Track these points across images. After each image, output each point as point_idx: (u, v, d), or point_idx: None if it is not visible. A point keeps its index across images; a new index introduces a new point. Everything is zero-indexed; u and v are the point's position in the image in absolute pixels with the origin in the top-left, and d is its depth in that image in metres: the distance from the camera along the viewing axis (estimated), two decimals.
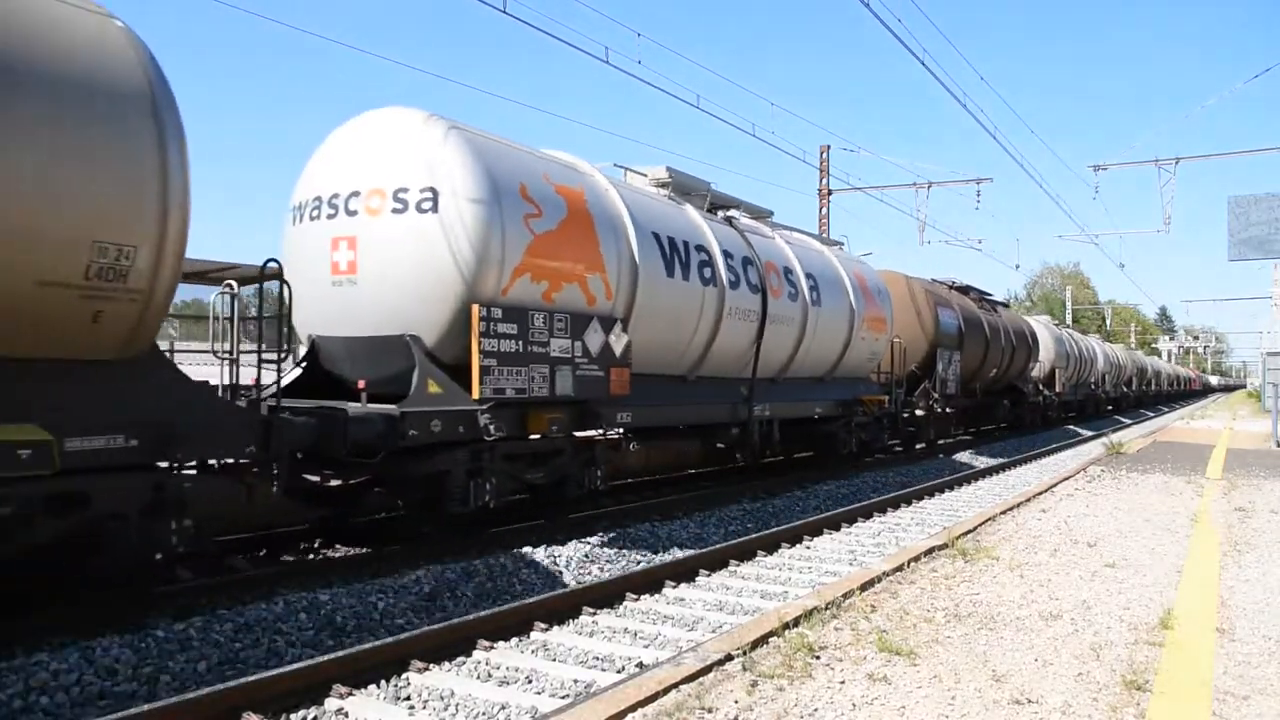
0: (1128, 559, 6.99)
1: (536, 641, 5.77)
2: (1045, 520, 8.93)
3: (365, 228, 7.90)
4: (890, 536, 9.97)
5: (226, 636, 5.53)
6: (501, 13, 11.12)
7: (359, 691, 4.82)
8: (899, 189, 29.24)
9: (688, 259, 10.40)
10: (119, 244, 5.21)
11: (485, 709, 4.66)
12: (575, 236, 8.78)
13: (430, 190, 7.72)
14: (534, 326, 8.22)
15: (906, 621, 5.10)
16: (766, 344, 11.95)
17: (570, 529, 9.23)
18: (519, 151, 8.86)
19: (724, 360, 11.37)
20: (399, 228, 7.78)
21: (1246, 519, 9.02)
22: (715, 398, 11.40)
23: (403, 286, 7.78)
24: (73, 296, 5.07)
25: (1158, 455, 16.58)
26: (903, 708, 3.81)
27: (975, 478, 15.54)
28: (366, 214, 7.90)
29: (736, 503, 11.66)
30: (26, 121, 4.83)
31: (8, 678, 4.67)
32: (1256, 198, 21.46)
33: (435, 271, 7.69)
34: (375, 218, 7.87)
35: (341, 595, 6.37)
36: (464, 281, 7.69)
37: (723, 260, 11.07)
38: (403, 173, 7.83)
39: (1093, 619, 5.24)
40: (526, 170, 8.59)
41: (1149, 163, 25.40)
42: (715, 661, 4.32)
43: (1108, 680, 4.18)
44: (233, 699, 4.37)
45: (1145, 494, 10.97)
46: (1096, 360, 37.71)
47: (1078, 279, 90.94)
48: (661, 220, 10.33)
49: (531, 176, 8.57)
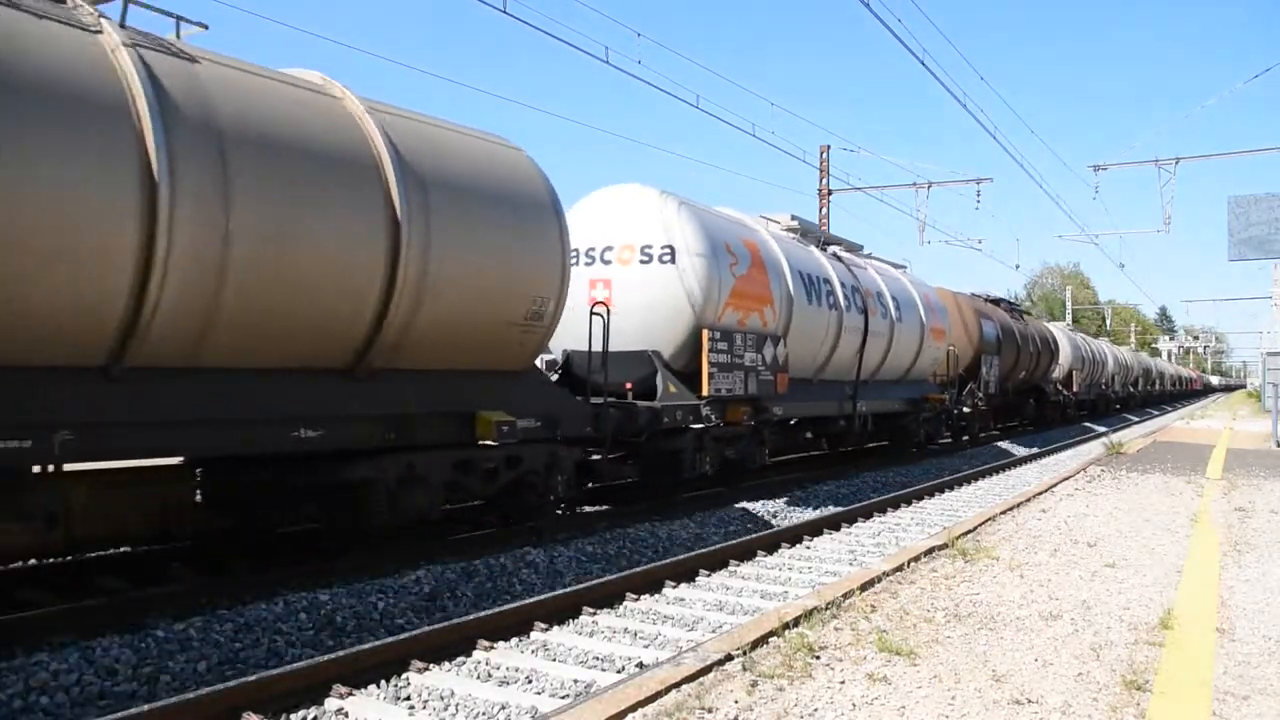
0: (1128, 559, 6.99)
1: (536, 641, 5.77)
2: (1045, 520, 8.94)
3: (618, 273, 11.01)
4: (890, 536, 9.97)
5: (226, 636, 5.52)
6: (501, 13, 11.15)
7: (359, 691, 4.82)
8: (899, 189, 29.25)
9: (819, 290, 13.74)
10: (542, 297, 8.23)
11: (485, 709, 4.66)
12: (756, 277, 11.94)
13: (669, 247, 10.84)
14: (736, 344, 11.20)
15: (906, 621, 5.10)
16: (867, 353, 15.20)
17: (571, 529, 9.25)
18: (720, 216, 12.23)
19: (838, 367, 14.63)
20: (645, 273, 10.89)
21: (1246, 519, 9.02)
22: (830, 396, 14.60)
23: (647, 315, 10.73)
24: (516, 331, 8.10)
25: (1158, 455, 16.58)
26: (903, 708, 3.81)
27: (975, 478, 15.55)
28: (619, 263, 11.04)
29: (736, 502, 11.66)
30: (506, 224, 7.91)
31: (8, 678, 4.66)
32: (1256, 198, 21.46)
33: (673, 305, 10.76)
34: (626, 266, 11.00)
35: (341, 595, 6.37)
36: (694, 313, 10.75)
37: (840, 289, 14.37)
38: (647, 234, 10.93)
39: (1093, 619, 5.24)
40: (727, 230, 11.77)
41: (1149, 163, 25.42)
42: (715, 661, 4.32)
43: (1108, 680, 4.18)
44: (233, 699, 4.37)
45: (1145, 494, 10.97)
46: (1107, 363, 40.55)
47: (1078, 279, 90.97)
48: (802, 261, 13.64)
49: (730, 235, 11.71)
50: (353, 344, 6.83)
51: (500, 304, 7.83)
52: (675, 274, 10.76)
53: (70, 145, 5.08)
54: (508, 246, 7.85)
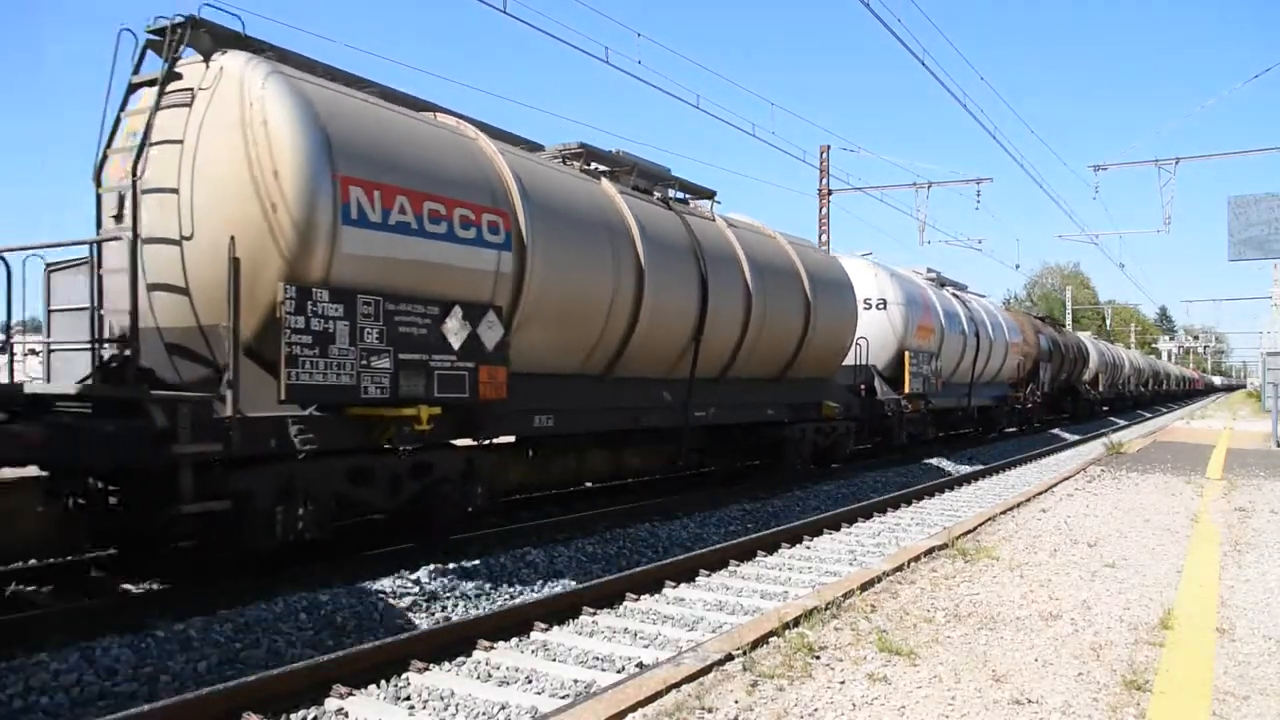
0: (1128, 559, 6.99)
1: (536, 641, 5.77)
2: (1045, 520, 8.93)
3: None
4: (890, 536, 9.97)
5: (226, 636, 5.52)
6: (501, 13, 11.14)
7: (359, 691, 4.82)
8: (899, 189, 29.19)
9: (955, 321, 20.52)
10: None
11: (485, 709, 4.66)
12: (928, 316, 18.66)
13: (882, 299, 17.41)
14: (920, 359, 17.68)
15: (906, 621, 5.10)
16: (977, 364, 22.04)
17: (570, 529, 9.24)
18: (909, 276, 19.32)
19: (961, 374, 21.40)
20: (869, 316, 16.65)
21: (1246, 519, 9.02)
22: (956, 394, 21.26)
23: (874, 344, 16.55)
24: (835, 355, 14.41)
25: (1158, 455, 16.58)
26: (903, 708, 3.81)
27: (975, 477, 15.56)
28: None
29: (736, 502, 11.66)
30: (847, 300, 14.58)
31: (8, 678, 4.67)
32: (1256, 198, 21.46)
33: (886, 336, 17.21)
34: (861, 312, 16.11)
35: (341, 595, 6.37)
36: (899, 341, 17.32)
37: (963, 320, 21.07)
38: (868, 291, 17.09)
39: (1093, 619, 5.24)
40: (912, 285, 18.72)
41: (1149, 163, 25.42)
42: (715, 661, 4.31)
43: (1108, 680, 4.18)
44: (233, 699, 4.37)
45: (1145, 494, 10.97)
46: (1124, 366, 47.36)
47: (1078, 279, 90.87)
48: (946, 301, 20.66)
49: (914, 288, 18.65)
50: (781, 366, 12.95)
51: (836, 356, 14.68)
52: (886, 316, 17.30)
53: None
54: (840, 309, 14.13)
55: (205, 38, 6.79)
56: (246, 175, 6.42)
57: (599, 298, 9.09)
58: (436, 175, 7.34)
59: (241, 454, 6.12)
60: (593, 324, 9.13)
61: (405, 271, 7.00)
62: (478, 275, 7.61)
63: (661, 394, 10.44)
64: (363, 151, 6.78)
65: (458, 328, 7.33)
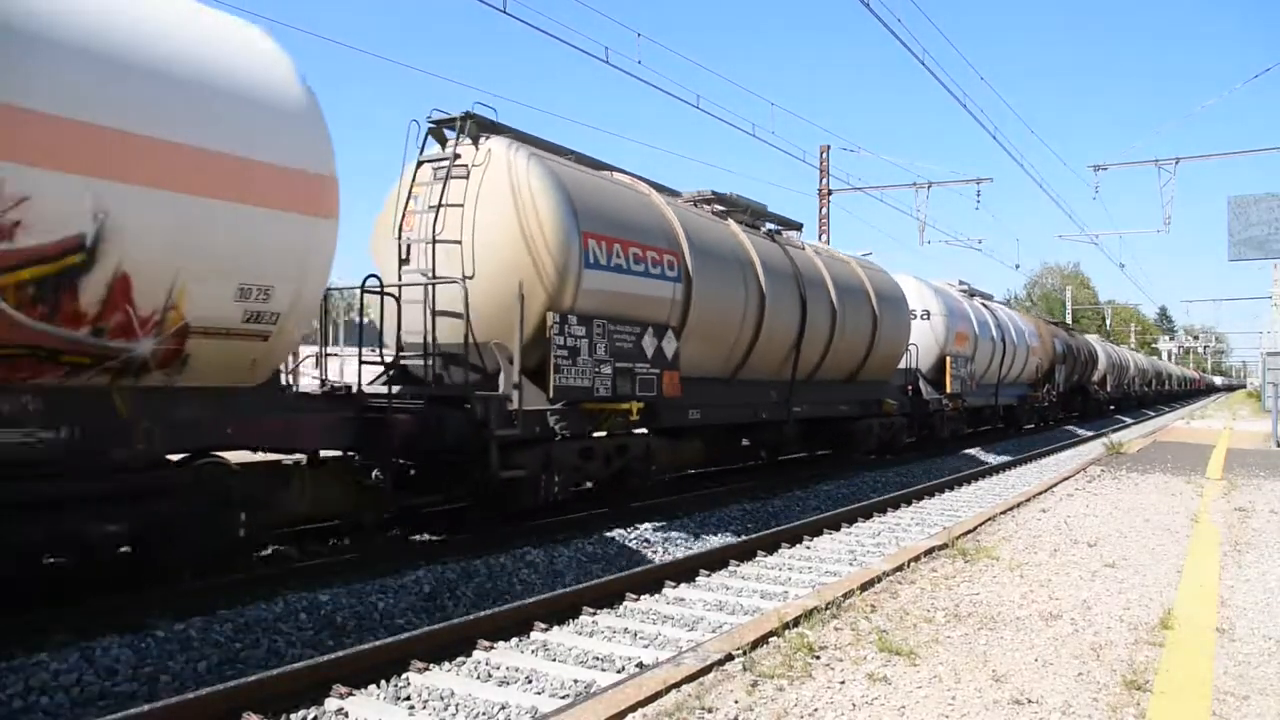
0: (1128, 559, 6.99)
1: (536, 641, 5.77)
2: (1045, 520, 8.93)
3: None
4: (890, 536, 9.97)
5: (226, 636, 5.52)
6: (501, 13, 11.15)
7: (359, 691, 4.82)
8: (899, 189, 29.21)
9: (988, 328, 22.95)
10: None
11: (485, 709, 4.66)
12: (964, 325, 21.03)
13: (926, 311, 19.62)
14: (958, 364, 19.87)
15: (906, 621, 5.10)
16: (1003, 366, 24.39)
17: (570, 529, 9.24)
18: (950, 291, 22.00)
19: (990, 375, 23.45)
20: (916, 326, 18.38)
21: (1246, 519, 9.02)
22: (985, 395, 23.26)
23: (919, 350, 18.63)
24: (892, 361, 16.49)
25: (1158, 455, 16.58)
26: (903, 708, 3.81)
27: (975, 478, 15.56)
28: None
29: (737, 502, 11.67)
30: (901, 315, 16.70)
31: (8, 678, 4.67)
32: (1256, 198, 21.47)
33: (930, 343, 19.45)
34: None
35: (341, 595, 6.37)
36: (941, 348, 19.59)
37: (993, 327, 23.49)
38: (915, 302, 18.89)
39: (1093, 619, 5.24)
40: (953, 297, 21.54)
41: (1149, 163, 25.44)
42: (715, 661, 4.31)
43: (1108, 680, 4.18)
44: (233, 699, 4.37)
45: (1145, 494, 10.97)
46: (1129, 367, 49.59)
47: (1078, 279, 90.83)
48: (978, 310, 22.89)
49: (953, 300, 21.25)
50: (853, 370, 15.03)
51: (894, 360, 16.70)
52: (929, 326, 19.57)
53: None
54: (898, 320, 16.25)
55: (474, 126, 8.97)
56: (517, 232, 8.55)
57: (735, 317, 11.29)
58: (635, 226, 9.64)
59: (523, 437, 8.28)
60: (729, 338, 11.35)
61: (619, 301, 9.25)
62: (661, 302, 9.87)
63: (769, 393, 12.62)
64: (593, 211, 9.02)
65: (650, 342, 9.65)
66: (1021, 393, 26.77)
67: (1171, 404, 70.04)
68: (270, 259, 5.87)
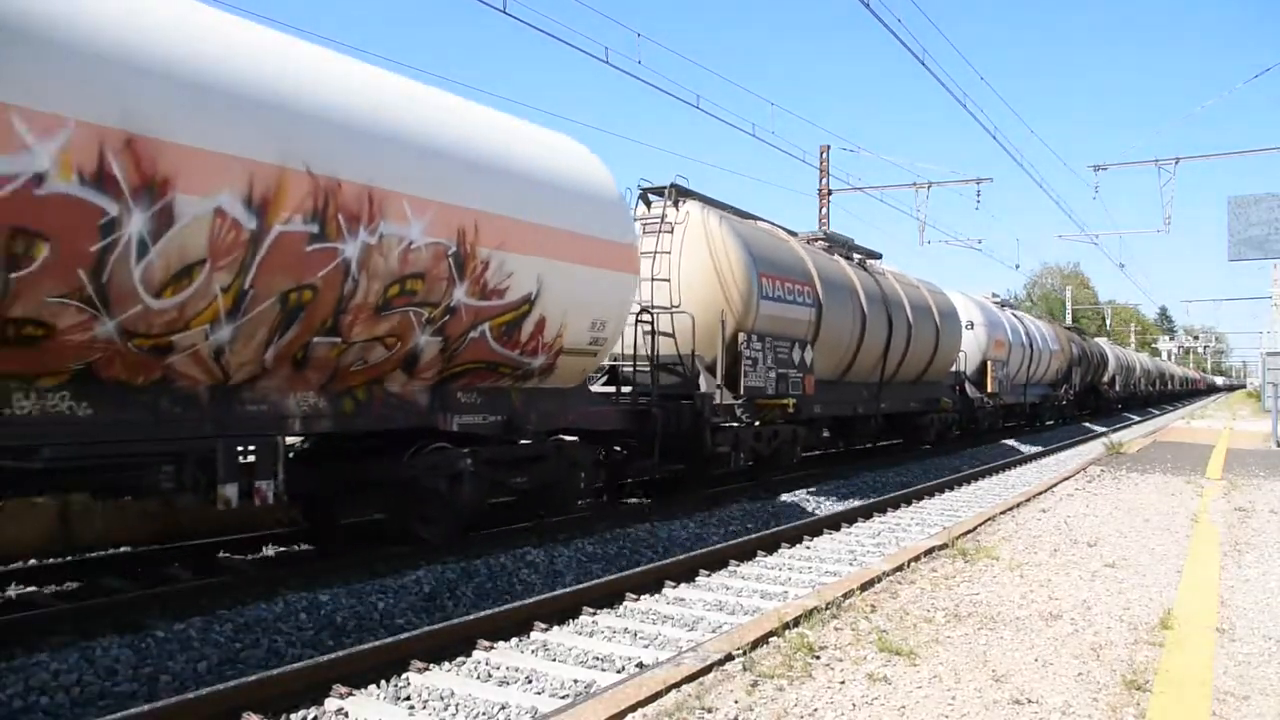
0: (1128, 559, 6.99)
1: (536, 641, 5.77)
2: (1045, 520, 8.93)
3: None
4: (890, 536, 9.97)
5: (226, 636, 5.52)
6: (501, 13, 11.16)
7: (359, 691, 4.82)
8: (899, 189, 29.22)
9: (1019, 335, 25.85)
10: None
11: (485, 709, 4.66)
12: (1002, 333, 24.07)
13: (971, 321, 22.13)
14: (997, 368, 23.11)
15: (906, 621, 5.10)
16: (1031, 369, 27.25)
17: (570, 529, 9.25)
18: (988, 302, 24.92)
19: (1020, 377, 26.24)
20: (965, 335, 20.81)
21: (1246, 519, 9.02)
22: (1016, 394, 25.92)
23: (966, 355, 21.51)
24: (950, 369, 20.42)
25: (1158, 455, 16.58)
26: (903, 708, 3.81)
27: (975, 478, 15.56)
28: None
29: (736, 502, 11.67)
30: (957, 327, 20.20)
31: (8, 678, 4.67)
32: (1256, 198, 21.46)
33: (974, 349, 22.40)
34: None
35: (341, 595, 6.37)
36: (983, 353, 22.83)
37: (1022, 334, 26.30)
38: (963, 314, 21.02)
39: (1093, 619, 5.24)
40: (990, 309, 24.42)
41: (1149, 163, 25.45)
42: (715, 661, 4.31)
43: (1108, 680, 4.18)
44: (233, 699, 4.36)
45: (1145, 494, 10.97)
46: (1135, 368, 53.27)
47: (1078, 279, 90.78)
48: (1013, 320, 26.18)
49: (992, 311, 24.26)
50: (919, 373, 17.85)
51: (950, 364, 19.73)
52: (973, 335, 22.16)
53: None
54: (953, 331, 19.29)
55: (674, 192, 11.92)
56: (712, 273, 11.53)
57: (846, 333, 14.32)
58: (787, 265, 12.69)
59: (725, 424, 11.19)
60: (842, 348, 14.40)
61: (780, 323, 12.23)
62: (802, 323, 12.86)
63: (862, 392, 15.71)
64: (765, 257, 12.10)
65: (797, 354, 12.66)
66: (1044, 392, 29.77)
67: (1174, 403, 72.80)
68: (607, 301, 8.80)
